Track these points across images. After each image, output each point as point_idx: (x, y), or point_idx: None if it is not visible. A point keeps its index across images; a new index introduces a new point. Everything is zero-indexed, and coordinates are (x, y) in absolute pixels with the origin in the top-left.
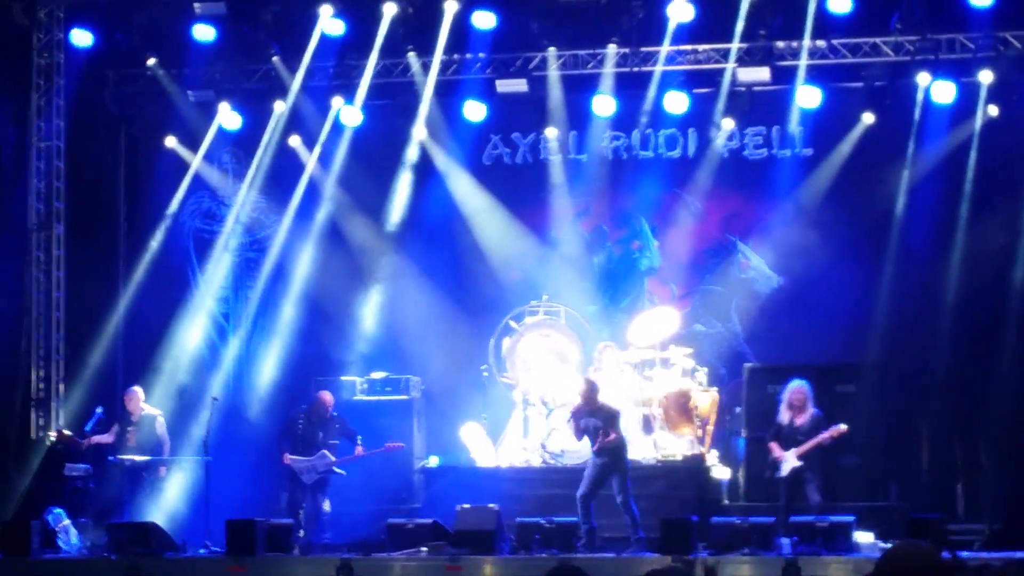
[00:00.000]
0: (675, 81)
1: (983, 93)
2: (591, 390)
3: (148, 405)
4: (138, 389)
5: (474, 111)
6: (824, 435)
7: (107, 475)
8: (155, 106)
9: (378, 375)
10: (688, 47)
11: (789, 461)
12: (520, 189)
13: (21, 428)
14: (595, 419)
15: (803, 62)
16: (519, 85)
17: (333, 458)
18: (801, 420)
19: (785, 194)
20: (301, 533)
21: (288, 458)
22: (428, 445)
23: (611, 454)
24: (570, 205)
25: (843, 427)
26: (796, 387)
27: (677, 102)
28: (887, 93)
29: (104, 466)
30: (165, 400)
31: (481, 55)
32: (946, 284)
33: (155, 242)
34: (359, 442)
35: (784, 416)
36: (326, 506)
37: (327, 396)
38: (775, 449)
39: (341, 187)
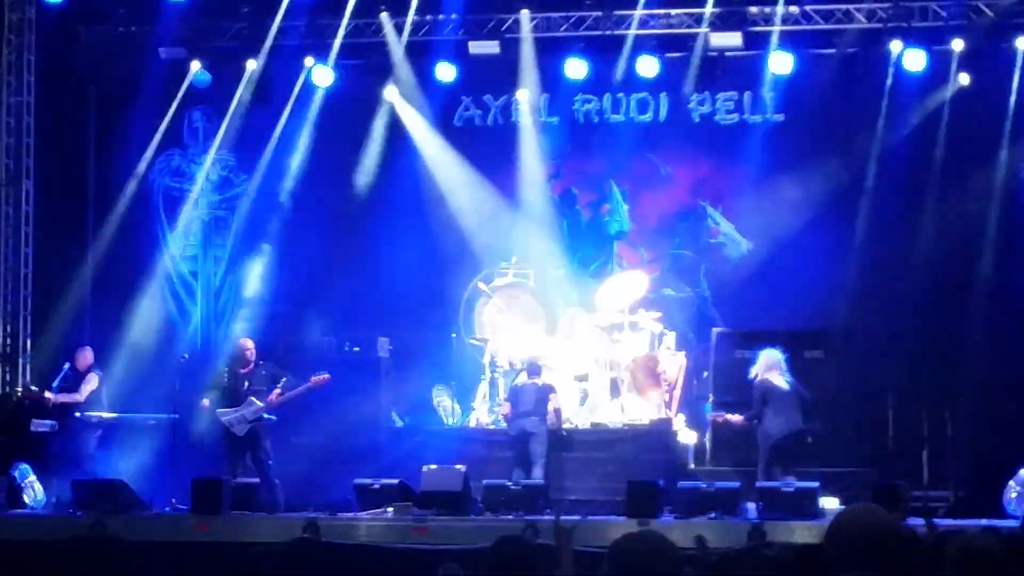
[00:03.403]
0: (647, 45)
1: (955, 62)
2: None
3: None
4: (88, 348)
5: (446, 72)
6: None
7: (73, 431)
8: (126, 63)
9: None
10: (661, 11)
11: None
12: (491, 151)
13: None
14: None
15: (776, 28)
16: (491, 47)
17: (260, 404)
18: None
19: (756, 160)
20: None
21: (203, 404)
22: (396, 406)
23: None
24: (541, 168)
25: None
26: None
27: (649, 66)
28: (859, 60)
29: (70, 422)
30: (130, 357)
31: (454, 16)
32: (916, 252)
33: (124, 199)
34: (279, 386)
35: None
36: (266, 459)
37: (245, 342)
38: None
39: (312, 147)
